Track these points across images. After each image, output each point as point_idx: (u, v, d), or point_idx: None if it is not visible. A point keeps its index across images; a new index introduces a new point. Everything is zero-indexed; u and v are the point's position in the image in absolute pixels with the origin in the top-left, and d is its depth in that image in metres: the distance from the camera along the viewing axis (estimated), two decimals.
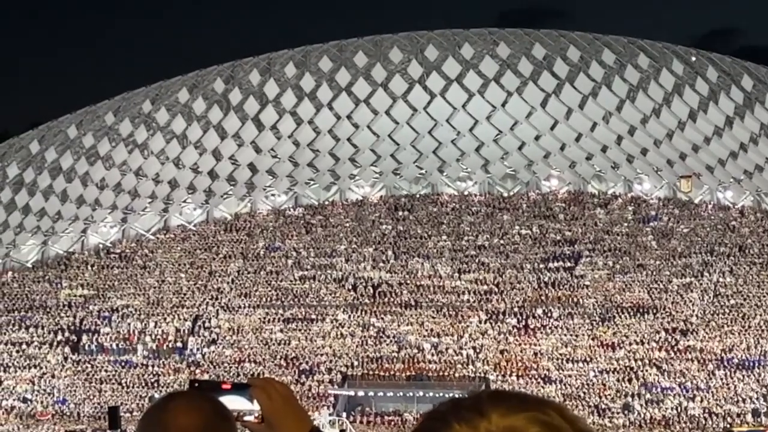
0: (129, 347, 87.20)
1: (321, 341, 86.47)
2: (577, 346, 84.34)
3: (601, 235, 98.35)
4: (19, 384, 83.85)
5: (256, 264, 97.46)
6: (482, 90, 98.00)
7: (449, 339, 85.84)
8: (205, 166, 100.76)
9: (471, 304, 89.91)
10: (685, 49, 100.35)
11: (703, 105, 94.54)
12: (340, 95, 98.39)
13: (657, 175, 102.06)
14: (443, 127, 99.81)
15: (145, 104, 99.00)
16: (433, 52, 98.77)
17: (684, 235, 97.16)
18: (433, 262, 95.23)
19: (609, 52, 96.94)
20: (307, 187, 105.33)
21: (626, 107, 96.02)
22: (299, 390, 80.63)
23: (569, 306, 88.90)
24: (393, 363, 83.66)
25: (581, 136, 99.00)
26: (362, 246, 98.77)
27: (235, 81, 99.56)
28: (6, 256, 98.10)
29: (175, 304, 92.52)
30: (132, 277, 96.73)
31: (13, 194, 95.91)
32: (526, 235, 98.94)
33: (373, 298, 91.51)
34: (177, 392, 3.81)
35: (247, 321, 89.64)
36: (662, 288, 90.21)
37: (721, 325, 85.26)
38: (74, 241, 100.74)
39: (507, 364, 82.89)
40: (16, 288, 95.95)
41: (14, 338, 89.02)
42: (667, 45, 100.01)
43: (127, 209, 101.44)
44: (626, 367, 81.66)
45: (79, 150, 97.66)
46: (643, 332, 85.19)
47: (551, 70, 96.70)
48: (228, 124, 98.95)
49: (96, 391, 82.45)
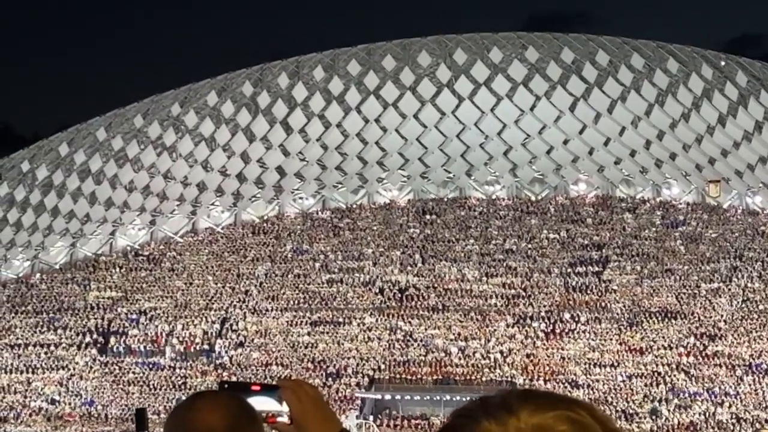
0: (156, 349, 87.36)
1: (348, 344, 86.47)
2: (604, 350, 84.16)
3: (629, 239, 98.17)
4: (47, 385, 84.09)
5: (284, 267, 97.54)
6: (510, 94, 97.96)
7: (476, 343, 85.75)
8: (233, 169, 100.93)
9: (498, 308, 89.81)
10: (715, 54, 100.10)
11: (733, 110, 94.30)
12: (368, 99, 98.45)
13: (685, 180, 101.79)
14: (471, 131, 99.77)
15: (173, 107, 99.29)
16: (461, 56, 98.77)
17: (712, 240, 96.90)
18: (460, 266, 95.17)
19: (638, 57, 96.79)
20: (334, 190, 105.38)
21: (655, 111, 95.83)
22: (326, 393, 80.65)
23: (597, 310, 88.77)
24: (420, 366, 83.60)
25: (610, 140, 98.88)
26: (389, 249, 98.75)
27: (263, 84, 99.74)
28: (35, 257, 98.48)
29: (202, 306, 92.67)
30: (160, 280, 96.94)
31: (42, 196, 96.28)
32: (554, 239, 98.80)
33: (400, 301, 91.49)
34: (204, 391, 3.84)
35: (274, 324, 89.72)
36: (690, 293, 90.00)
37: (749, 331, 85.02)
38: (102, 244, 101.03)
39: (534, 368, 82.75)
40: (45, 290, 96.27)
41: (42, 340, 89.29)
42: (697, 50, 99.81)
43: (156, 212, 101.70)
44: (654, 371, 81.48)
45: (108, 152, 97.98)
46: (671, 337, 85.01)
47: (580, 74, 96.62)
48: (256, 127, 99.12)
49: (123, 392, 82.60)
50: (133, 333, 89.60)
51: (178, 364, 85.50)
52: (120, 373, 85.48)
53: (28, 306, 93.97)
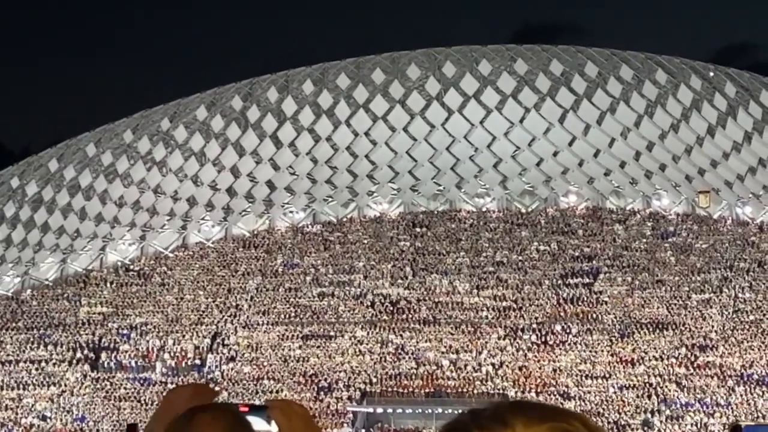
0: (148, 365, 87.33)
1: (340, 358, 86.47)
2: (596, 362, 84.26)
3: (620, 251, 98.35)
4: (38, 401, 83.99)
5: (275, 281, 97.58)
6: (500, 106, 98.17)
7: (468, 355, 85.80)
8: (224, 184, 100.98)
9: (489, 320, 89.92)
10: (703, 65, 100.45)
11: (722, 120, 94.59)
12: (357, 112, 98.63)
13: (675, 191, 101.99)
14: (461, 144, 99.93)
15: (163, 122, 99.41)
16: (450, 69, 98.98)
17: (703, 251, 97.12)
18: (451, 279, 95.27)
19: (627, 68, 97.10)
20: (325, 203, 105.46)
21: (644, 123, 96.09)
22: (318, 407, 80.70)
23: (588, 322, 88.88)
24: (412, 380, 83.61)
25: (599, 151, 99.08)
26: (380, 262, 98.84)
27: (253, 98, 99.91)
28: (25, 273, 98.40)
29: (193, 321, 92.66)
30: (151, 295, 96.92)
31: (32, 212, 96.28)
32: (545, 251, 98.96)
33: (391, 314, 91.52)
34: (201, 405, 3.80)
35: (265, 338, 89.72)
36: (681, 304, 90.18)
37: (740, 341, 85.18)
38: (93, 259, 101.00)
39: (526, 380, 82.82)
40: (35, 306, 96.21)
41: (33, 356, 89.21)
42: (685, 60, 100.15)
43: (146, 227, 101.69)
44: (646, 383, 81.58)
45: (98, 168, 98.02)
46: (662, 348, 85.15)
47: (569, 86, 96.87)
48: (246, 142, 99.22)
49: (115, 408, 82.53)
50: (124, 348, 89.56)
51: (170, 379, 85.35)
52: (111, 388, 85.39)
53: (19, 322, 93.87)
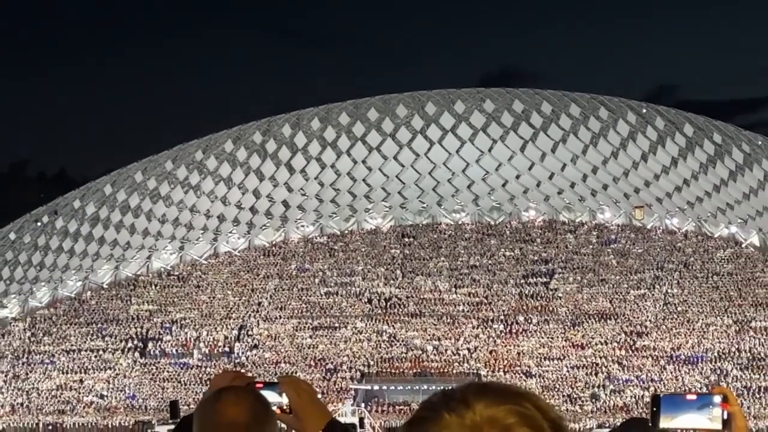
0: (186, 352, 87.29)
1: (343, 345, 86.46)
2: (552, 346, 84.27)
3: (571, 255, 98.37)
4: (96, 383, 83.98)
5: (290, 282, 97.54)
6: (472, 138, 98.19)
7: (448, 342, 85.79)
8: (247, 204, 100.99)
9: (465, 313, 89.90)
10: (637, 103, 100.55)
11: (653, 148, 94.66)
12: (356, 144, 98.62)
13: (616, 206, 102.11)
14: (441, 169, 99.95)
15: (197, 153, 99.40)
16: (431, 108, 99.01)
17: (638, 255, 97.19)
18: (433, 279, 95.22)
19: (575, 106, 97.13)
20: (330, 219, 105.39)
21: (590, 151, 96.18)
22: (326, 385, 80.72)
23: (545, 314, 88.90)
24: (402, 362, 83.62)
25: (554, 174, 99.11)
26: (375, 267, 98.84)
27: (270, 133, 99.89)
28: (86, 278, 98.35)
29: (223, 316, 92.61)
30: (188, 295, 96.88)
31: (90, 228, 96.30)
32: (510, 256, 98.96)
33: (385, 309, 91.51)
34: (227, 387, 3.81)
35: (282, 329, 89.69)
36: (621, 298, 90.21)
37: (670, 328, 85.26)
38: (141, 266, 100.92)
39: (495, 362, 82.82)
40: (94, 304, 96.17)
41: (92, 346, 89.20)
42: (622, 99, 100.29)
43: (184, 239, 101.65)
44: (593, 363, 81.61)
45: (144, 191, 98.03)
46: (606, 334, 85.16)
47: (528, 122, 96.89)
48: (265, 169, 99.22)
49: (159, 388, 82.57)
50: (166, 339, 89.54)
51: (204, 363, 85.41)
52: (156, 371, 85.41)
53: (81, 318, 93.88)
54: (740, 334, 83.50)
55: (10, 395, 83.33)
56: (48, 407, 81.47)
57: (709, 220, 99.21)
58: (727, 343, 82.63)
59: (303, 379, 4.23)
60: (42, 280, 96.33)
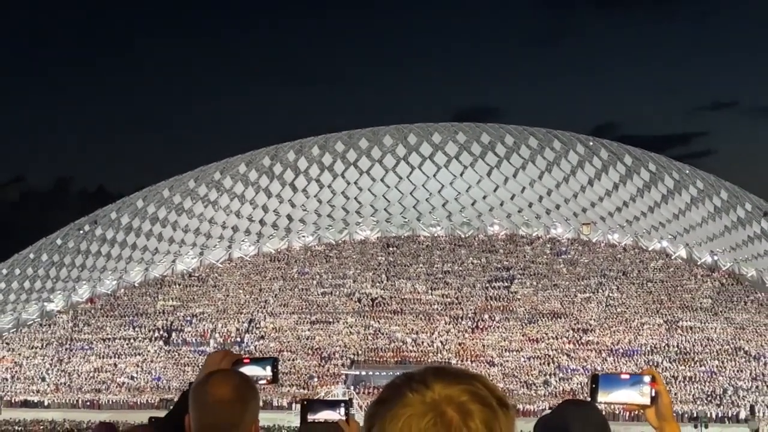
0: (204, 341, 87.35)
1: (336, 337, 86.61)
2: (512, 340, 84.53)
3: (528, 264, 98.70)
4: (128, 367, 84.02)
5: (292, 284, 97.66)
6: (447, 165, 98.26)
7: (424, 335, 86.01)
8: (257, 217, 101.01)
9: (439, 311, 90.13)
10: (585, 137, 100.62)
11: (598, 175, 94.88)
12: (349, 168, 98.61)
13: (566, 223, 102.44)
14: (420, 190, 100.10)
15: (216, 174, 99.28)
16: (413, 138, 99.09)
17: (585, 264, 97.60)
18: (413, 282, 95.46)
19: (533, 138, 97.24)
20: (326, 231, 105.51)
21: (545, 177, 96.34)
22: (321, 370, 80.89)
23: (506, 313, 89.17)
24: (385, 352, 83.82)
25: (515, 196, 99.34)
26: (364, 271, 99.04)
27: (277, 158, 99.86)
28: (120, 278, 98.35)
29: (235, 311, 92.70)
30: (206, 293, 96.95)
31: (124, 236, 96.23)
32: (477, 264, 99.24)
33: (372, 307, 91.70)
34: (216, 370, 3.73)
35: (285, 323, 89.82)
36: (570, 300, 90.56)
37: (610, 326, 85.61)
38: (167, 268, 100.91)
39: (464, 352, 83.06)
40: (127, 300, 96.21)
41: (125, 335, 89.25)
42: (573, 133, 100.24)
43: (203, 246, 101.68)
44: (546, 354, 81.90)
45: (170, 205, 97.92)
46: (557, 331, 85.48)
47: (494, 151, 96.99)
48: (272, 188, 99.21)
49: (181, 371, 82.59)
50: (187, 330, 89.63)
51: None
52: (179, 357, 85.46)
53: (115, 312, 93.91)
54: (669, 332, 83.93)
55: (55, 376, 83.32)
56: (86, 386, 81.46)
57: (644, 236, 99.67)
58: (658, 339, 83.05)
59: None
60: (83, 279, 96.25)
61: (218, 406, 3.48)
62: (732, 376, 76.90)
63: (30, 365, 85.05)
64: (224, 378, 3.58)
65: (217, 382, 3.54)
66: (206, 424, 3.51)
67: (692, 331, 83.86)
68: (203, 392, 3.53)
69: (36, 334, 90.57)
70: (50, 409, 76.30)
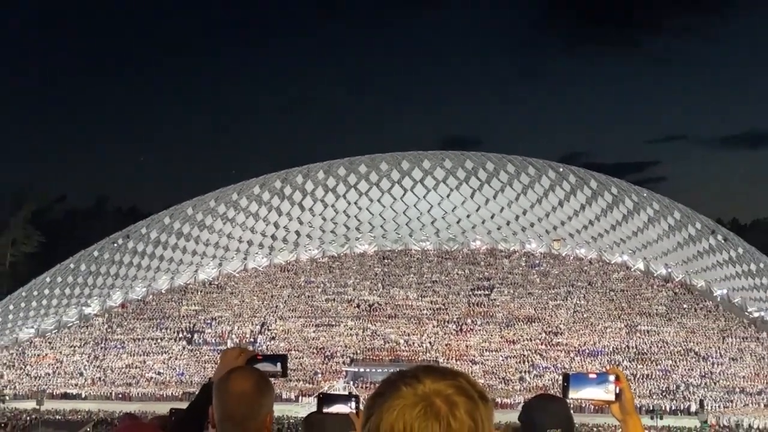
0: (222, 341, 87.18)
1: (338, 338, 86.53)
2: (491, 341, 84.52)
3: (506, 275, 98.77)
4: (155, 364, 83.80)
5: (299, 291, 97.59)
6: (435, 187, 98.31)
7: (415, 337, 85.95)
8: (269, 233, 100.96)
9: (428, 316, 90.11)
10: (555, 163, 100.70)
11: (567, 197, 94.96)
12: (350, 190, 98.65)
13: (539, 239, 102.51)
14: (412, 209, 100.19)
15: (233, 194, 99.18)
16: (406, 164, 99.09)
17: (555, 275, 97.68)
18: (405, 290, 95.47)
19: (510, 165, 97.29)
20: (330, 245, 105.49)
21: (521, 198, 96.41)
22: (325, 367, 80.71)
23: (487, 317, 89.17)
24: (381, 351, 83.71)
25: (494, 215, 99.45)
26: (363, 280, 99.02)
27: (287, 181, 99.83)
28: (149, 286, 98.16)
29: (250, 315, 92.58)
30: (224, 299, 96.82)
31: (153, 248, 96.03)
32: (461, 275, 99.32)
33: (369, 312, 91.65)
34: (237, 367, 3.80)
35: (293, 326, 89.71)
36: (543, 306, 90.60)
37: (578, 330, 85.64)
38: (190, 277, 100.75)
39: (449, 352, 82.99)
40: (155, 305, 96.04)
41: (153, 335, 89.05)
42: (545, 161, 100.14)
43: (222, 258, 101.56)
44: (521, 354, 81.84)
45: (193, 222, 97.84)
46: (531, 333, 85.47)
47: (476, 176, 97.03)
48: (283, 207, 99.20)
49: (202, 368, 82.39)
50: (208, 331, 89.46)
51: None
52: (200, 355, 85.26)
53: (145, 315, 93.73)
54: (629, 335, 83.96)
55: (91, 372, 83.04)
56: (119, 381, 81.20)
57: (607, 251, 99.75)
58: (619, 341, 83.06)
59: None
60: (117, 286, 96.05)
61: (240, 398, 3.52)
62: (684, 374, 76.97)
63: (69, 362, 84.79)
64: (245, 374, 3.62)
65: (239, 378, 3.57)
66: (229, 414, 3.54)
67: (649, 334, 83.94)
68: (227, 386, 3.56)
69: (75, 334, 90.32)
70: (87, 400, 76.05)
